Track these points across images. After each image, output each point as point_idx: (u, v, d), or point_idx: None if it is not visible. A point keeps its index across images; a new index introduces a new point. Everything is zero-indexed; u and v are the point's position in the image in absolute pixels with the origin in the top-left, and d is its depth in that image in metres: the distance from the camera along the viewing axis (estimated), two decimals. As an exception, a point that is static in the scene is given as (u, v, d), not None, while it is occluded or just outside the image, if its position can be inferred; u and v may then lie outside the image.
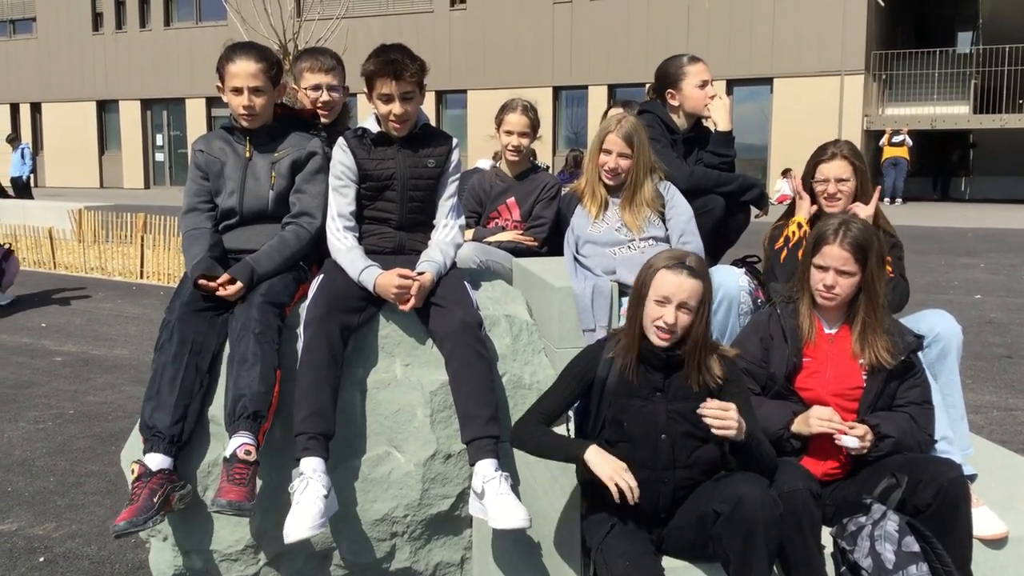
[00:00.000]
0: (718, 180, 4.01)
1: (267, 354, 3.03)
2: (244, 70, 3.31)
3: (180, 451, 3.00)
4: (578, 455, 2.74)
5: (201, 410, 3.08)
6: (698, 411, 2.66)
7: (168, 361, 3.03)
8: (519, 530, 2.83)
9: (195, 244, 3.33)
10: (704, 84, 4.13)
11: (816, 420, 2.91)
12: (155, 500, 2.79)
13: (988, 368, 7.01)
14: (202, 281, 3.17)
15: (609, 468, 2.66)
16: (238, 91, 3.33)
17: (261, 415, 2.95)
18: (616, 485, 2.63)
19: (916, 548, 2.59)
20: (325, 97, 3.75)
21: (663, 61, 4.25)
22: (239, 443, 2.88)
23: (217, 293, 3.16)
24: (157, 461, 2.91)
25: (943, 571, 2.60)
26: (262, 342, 3.03)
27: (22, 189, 21.55)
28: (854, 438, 2.86)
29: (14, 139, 22.76)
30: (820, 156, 3.59)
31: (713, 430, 2.64)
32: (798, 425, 2.96)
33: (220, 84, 3.40)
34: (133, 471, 2.93)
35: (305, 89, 3.76)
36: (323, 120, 3.75)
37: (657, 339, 2.77)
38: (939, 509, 2.68)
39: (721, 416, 2.63)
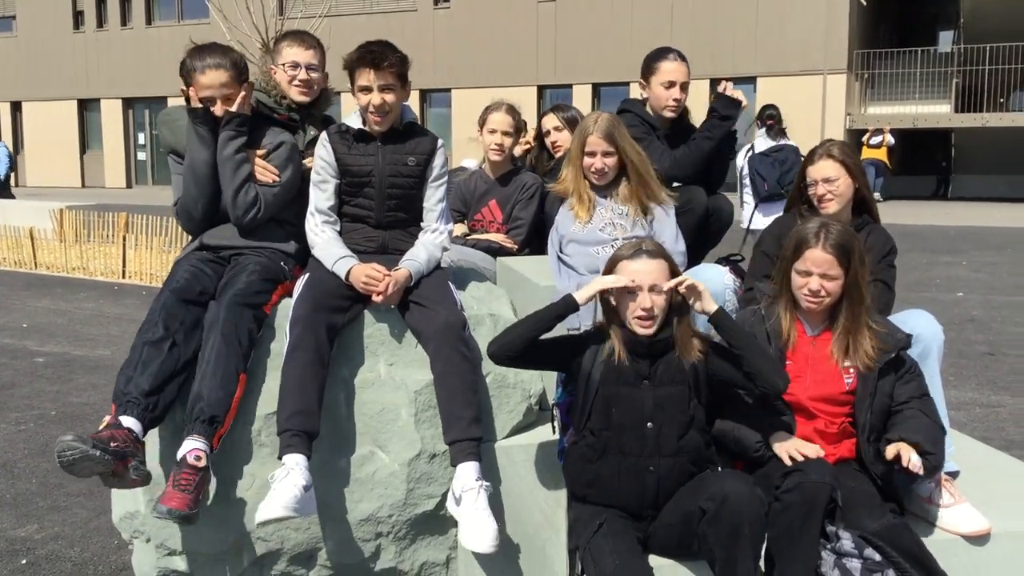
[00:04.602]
0: (699, 148, 4.02)
1: (231, 356, 3.00)
2: (215, 80, 3.28)
3: (150, 426, 2.95)
4: (568, 303, 2.82)
5: (177, 395, 3.03)
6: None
7: (148, 343, 3.00)
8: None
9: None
10: (671, 85, 4.11)
11: (798, 450, 2.86)
12: (112, 444, 2.74)
13: (970, 365, 7.06)
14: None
15: (598, 282, 2.82)
16: (210, 100, 3.30)
17: (217, 420, 2.94)
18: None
19: (878, 557, 2.61)
20: (303, 75, 3.61)
21: (655, 48, 4.24)
22: (191, 447, 2.87)
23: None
24: (127, 422, 2.87)
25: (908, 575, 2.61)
26: (228, 343, 3.01)
27: (2, 188, 21.45)
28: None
29: None
30: (807, 161, 3.56)
31: None
32: (778, 447, 2.89)
33: (185, 88, 3.36)
34: (104, 422, 2.91)
35: (283, 65, 3.62)
36: (302, 99, 3.64)
37: (641, 329, 2.79)
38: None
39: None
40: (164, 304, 3.08)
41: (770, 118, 8.20)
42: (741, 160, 8.09)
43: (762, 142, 8.11)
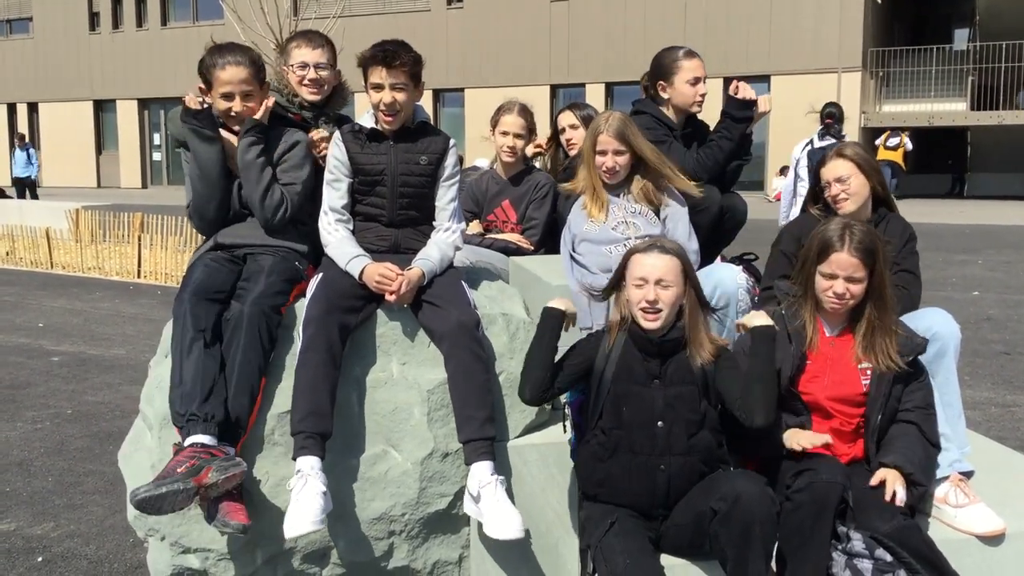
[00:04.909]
0: (720, 150, 4.02)
1: (254, 361, 3.03)
2: (235, 76, 3.30)
3: (220, 428, 2.94)
4: (552, 315, 2.89)
5: (227, 389, 3.04)
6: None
7: (185, 350, 3.02)
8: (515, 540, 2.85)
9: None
10: (696, 81, 4.11)
11: (806, 442, 2.84)
12: (179, 470, 2.75)
13: (986, 365, 7.02)
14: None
15: (566, 300, 2.94)
16: (229, 96, 3.32)
17: (241, 425, 2.98)
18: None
19: (889, 558, 2.60)
20: (312, 75, 3.65)
21: (661, 50, 4.23)
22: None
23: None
24: (191, 440, 2.88)
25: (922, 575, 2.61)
26: (252, 347, 3.04)
27: (30, 188, 21.71)
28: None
29: (23, 137, 22.96)
30: (820, 164, 3.54)
31: None
32: (790, 441, 2.87)
33: (203, 85, 3.39)
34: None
35: (292, 66, 3.67)
36: (312, 98, 3.68)
37: (646, 322, 2.79)
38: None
39: None
40: (186, 303, 3.10)
41: (829, 116, 8.22)
42: (798, 152, 8.11)
43: (820, 139, 8.13)
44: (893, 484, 2.76)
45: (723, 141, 4.02)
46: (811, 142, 8.13)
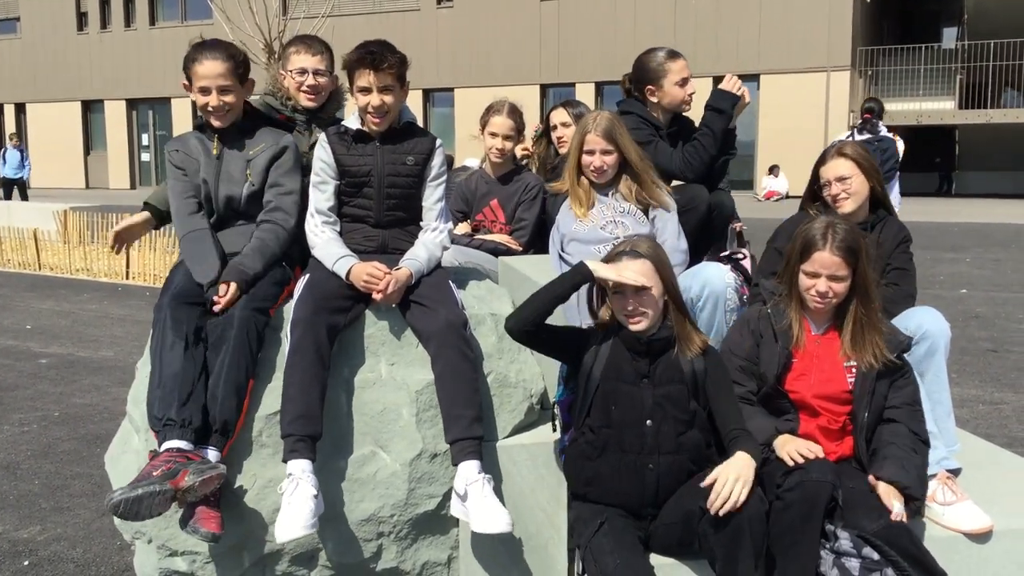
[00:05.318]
0: (703, 146, 4.02)
1: (242, 364, 3.02)
2: (211, 71, 3.29)
3: (196, 435, 2.93)
4: (582, 272, 2.84)
5: (205, 394, 3.02)
6: (707, 505, 2.58)
7: (164, 354, 3.00)
8: (502, 535, 2.84)
9: (201, 246, 3.30)
10: (685, 82, 4.12)
11: (799, 451, 2.82)
12: (155, 474, 2.74)
13: (974, 362, 7.05)
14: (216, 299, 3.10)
15: (614, 270, 2.80)
16: (206, 91, 3.31)
17: (229, 428, 2.97)
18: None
19: (877, 556, 2.61)
20: (311, 81, 3.70)
21: (642, 54, 4.23)
22: (215, 459, 2.93)
23: (214, 308, 3.11)
24: (167, 445, 2.87)
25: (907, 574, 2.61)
26: (240, 350, 3.02)
27: (21, 189, 21.67)
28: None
29: (16, 137, 22.91)
30: (819, 163, 3.54)
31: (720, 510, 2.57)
32: (781, 450, 2.86)
33: (187, 83, 3.38)
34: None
35: (291, 72, 3.72)
36: (309, 104, 3.74)
37: (633, 327, 2.80)
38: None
39: (726, 497, 2.56)
40: (166, 307, 3.09)
41: (868, 111, 8.24)
42: None
43: (859, 133, 8.17)
44: (889, 498, 2.75)
45: (705, 137, 4.03)
46: (851, 135, 8.15)
